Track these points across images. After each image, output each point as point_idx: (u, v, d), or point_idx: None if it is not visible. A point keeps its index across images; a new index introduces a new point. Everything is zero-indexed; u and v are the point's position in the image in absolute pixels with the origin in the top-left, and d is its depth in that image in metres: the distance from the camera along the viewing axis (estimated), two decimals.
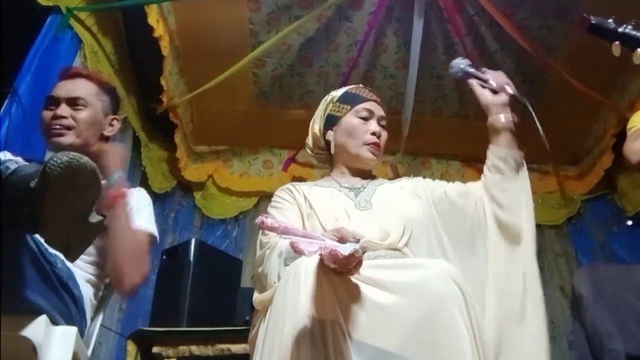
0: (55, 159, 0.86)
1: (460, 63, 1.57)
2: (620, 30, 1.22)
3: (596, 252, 3.46)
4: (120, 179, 1.43)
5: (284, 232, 1.02)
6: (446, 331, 1.05)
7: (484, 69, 1.58)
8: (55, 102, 1.54)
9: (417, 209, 1.48)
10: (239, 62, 2.91)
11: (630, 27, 1.22)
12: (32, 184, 0.85)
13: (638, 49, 1.20)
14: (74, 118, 1.52)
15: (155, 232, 1.57)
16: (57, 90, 1.56)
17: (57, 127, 1.50)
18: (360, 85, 1.72)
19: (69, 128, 1.51)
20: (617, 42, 1.22)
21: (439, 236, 1.43)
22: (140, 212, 1.55)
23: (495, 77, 1.55)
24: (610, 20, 1.24)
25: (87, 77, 1.61)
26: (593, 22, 1.26)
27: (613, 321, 1.44)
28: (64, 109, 1.52)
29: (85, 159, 0.89)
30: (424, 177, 3.66)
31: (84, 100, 1.55)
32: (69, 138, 1.50)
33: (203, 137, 3.57)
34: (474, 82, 1.56)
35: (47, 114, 1.52)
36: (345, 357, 1.02)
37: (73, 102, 1.54)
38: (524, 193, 1.44)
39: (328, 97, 1.69)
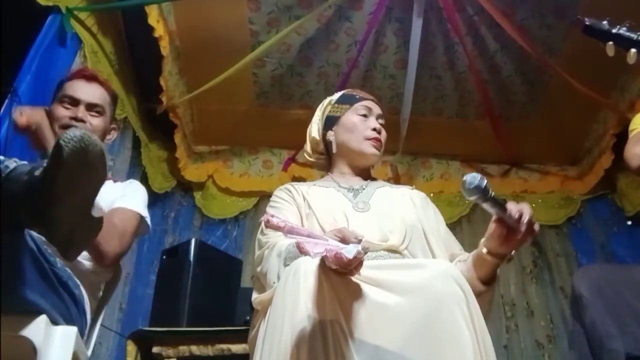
0: (69, 133, 0.86)
1: (480, 181, 1.17)
2: (614, 31, 1.24)
3: (596, 252, 3.46)
4: None
5: (290, 231, 1.03)
6: (448, 331, 1.04)
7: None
8: (74, 102, 1.58)
9: (415, 216, 1.49)
10: (239, 62, 2.91)
11: (624, 28, 1.23)
12: (37, 172, 0.85)
13: (632, 49, 1.21)
14: (90, 123, 1.58)
15: (143, 213, 1.59)
16: (77, 91, 1.60)
17: (75, 127, 1.53)
18: (356, 89, 1.77)
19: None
20: (610, 43, 1.23)
21: (434, 243, 1.44)
22: (125, 196, 1.58)
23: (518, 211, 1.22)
24: (604, 22, 1.25)
25: (102, 84, 1.67)
26: (587, 23, 1.27)
27: (613, 321, 1.44)
28: (84, 113, 1.58)
29: (95, 137, 0.90)
30: (424, 177, 3.66)
31: (101, 108, 1.63)
32: None
33: (203, 137, 3.57)
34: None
35: (64, 112, 1.57)
36: (345, 357, 1.02)
37: (91, 107, 1.60)
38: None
39: (325, 102, 1.73)
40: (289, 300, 1.07)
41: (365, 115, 1.63)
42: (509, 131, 3.39)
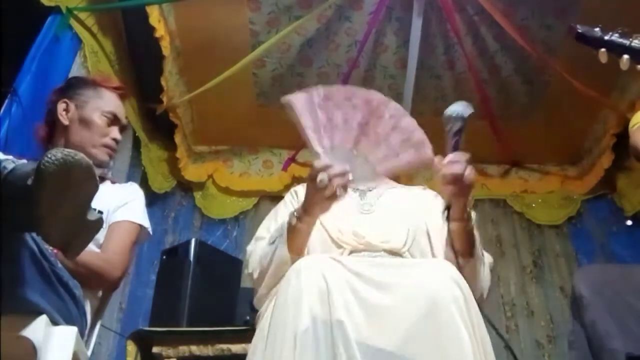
0: (49, 156, 0.86)
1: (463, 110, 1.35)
2: (606, 37, 1.24)
3: (596, 252, 3.46)
4: None
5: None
6: (446, 331, 1.04)
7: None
8: (115, 121, 1.60)
9: (421, 217, 1.48)
10: (239, 62, 2.91)
11: (616, 34, 1.24)
12: (29, 181, 0.85)
13: (624, 55, 1.21)
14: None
15: (142, 222, 1.59)
16: (117, 110, 1.61)
17: (113, 149, 1.59)
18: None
19: (115, 151, 1.62)
20: (603, 50, 1.24)
21: (437, 245, 1.43)
22: (125, 205, 1.57)
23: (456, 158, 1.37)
24: (597, 29, 1.26)
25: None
26: (579, 30, 1.28)
27: (613, 321, 1.44)
28: (118, 134, 1.61)
29: (80, 155, 0.89)
30: (424, 177, 3.65)
31: (126, 127, 1.69)
32: (110, 160, 1.62)
33: (203, 137, 3.57)
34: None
35: (107, 129, 1.58)
36: (346, 358, 1.02)
37: (123, 129, 1.64)
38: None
39: None
40: (291, 301, 1.07)
41: None
42: (509, 131, 3.39)
